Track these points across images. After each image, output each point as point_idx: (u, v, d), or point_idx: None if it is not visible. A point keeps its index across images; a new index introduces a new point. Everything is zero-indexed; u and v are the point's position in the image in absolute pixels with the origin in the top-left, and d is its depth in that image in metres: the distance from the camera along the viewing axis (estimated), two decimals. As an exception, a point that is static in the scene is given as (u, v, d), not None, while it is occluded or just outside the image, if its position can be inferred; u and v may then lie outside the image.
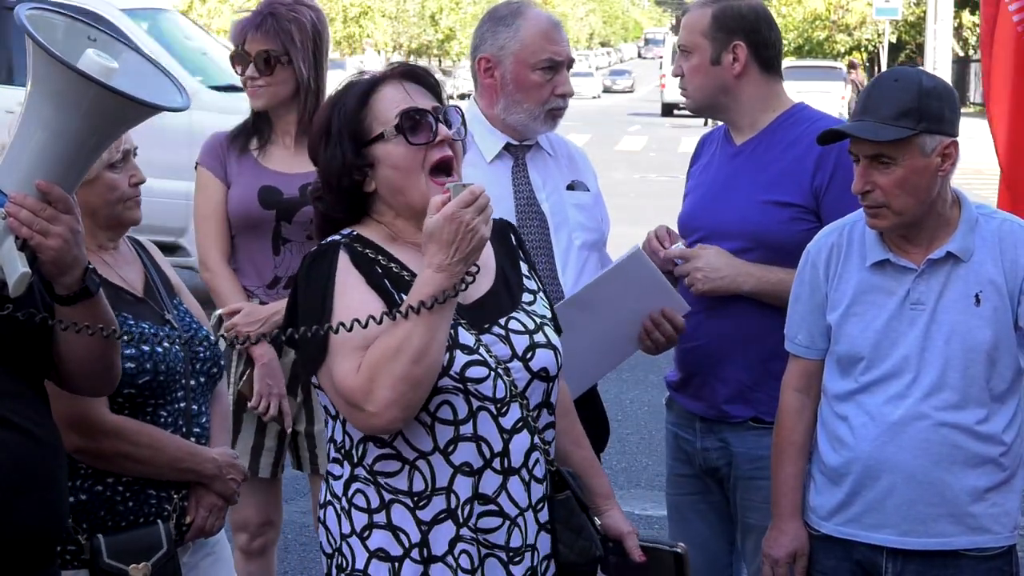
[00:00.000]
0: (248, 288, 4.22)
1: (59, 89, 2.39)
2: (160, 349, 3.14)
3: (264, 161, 4.23)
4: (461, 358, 2.72)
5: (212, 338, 3.35)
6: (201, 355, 3.26)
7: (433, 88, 2.85)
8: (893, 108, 3.11)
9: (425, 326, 2.63)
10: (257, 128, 4.28)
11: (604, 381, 3.92)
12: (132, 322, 3.14)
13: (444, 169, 2.78)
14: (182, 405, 3.22)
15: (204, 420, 3.28)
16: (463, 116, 2.86)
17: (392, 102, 2.79)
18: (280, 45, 4.16)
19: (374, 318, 2.64)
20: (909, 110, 3.10)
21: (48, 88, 2.40)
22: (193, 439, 3.23)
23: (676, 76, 3.85)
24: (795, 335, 3.39)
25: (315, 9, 4.28)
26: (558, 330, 2.99)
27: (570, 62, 3.82)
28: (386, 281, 2.77)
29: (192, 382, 3.24)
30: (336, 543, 2.83)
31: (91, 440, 3.07)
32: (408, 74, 2.85)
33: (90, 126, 2.46)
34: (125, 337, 2.79)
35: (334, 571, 2.84)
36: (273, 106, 4.23)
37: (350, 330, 2.64)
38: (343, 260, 2.77)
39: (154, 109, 2.50)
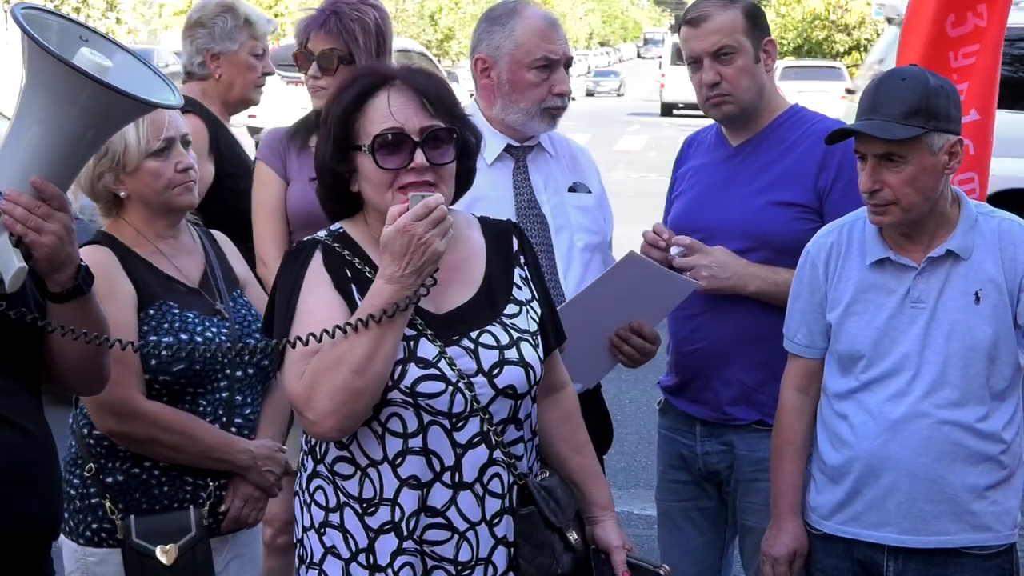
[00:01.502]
0: None
1: (55, 86, 2.40)
2: (200, 340, 3.19)
3: None
4: (414, 372, 2.69)
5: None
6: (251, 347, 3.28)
7: (435, 100, 2.77)
8: (902, 107, 3.10)
9: (370, 338, 2.62)
10: (318, 125, 4.25)
11: (603, 381, 3.91)
12: (177, 311, 3.22)
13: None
14: (224, 395, 3.26)
15: (249, 411, 3.32)
16: (461, 133, 2.80)
17: (379, 116, 2.74)
18: (343, 45, 4.10)
19: (327, 332, 2.63)
20: (918, 109, 3.10)
21: (44, 85, 2.41)
22: (234, 430, 3.27)
23: (712, 84, 3.71)
24: (794, 334, 3.39)
25: (379, 9, 4.22)
26: (561, 338, 2.96)
27: (567, 61, 3.78)
28: (353, 286, 2.76)
29: (239, 373, 3.29)
30: (299, 534, 2.85)
31: (125, 424, 3.15)
32: (412, 81, 2.78)
33: (85, 123, 2.46)
34: (118, 342, 2.79)
35: (296, 560, 2.86)
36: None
37: (306, 343, 2.64)
38: (316, 260, 2.77)
39: (148, 106, 2.53)
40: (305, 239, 2.87)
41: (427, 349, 2.72)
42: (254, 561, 3.46)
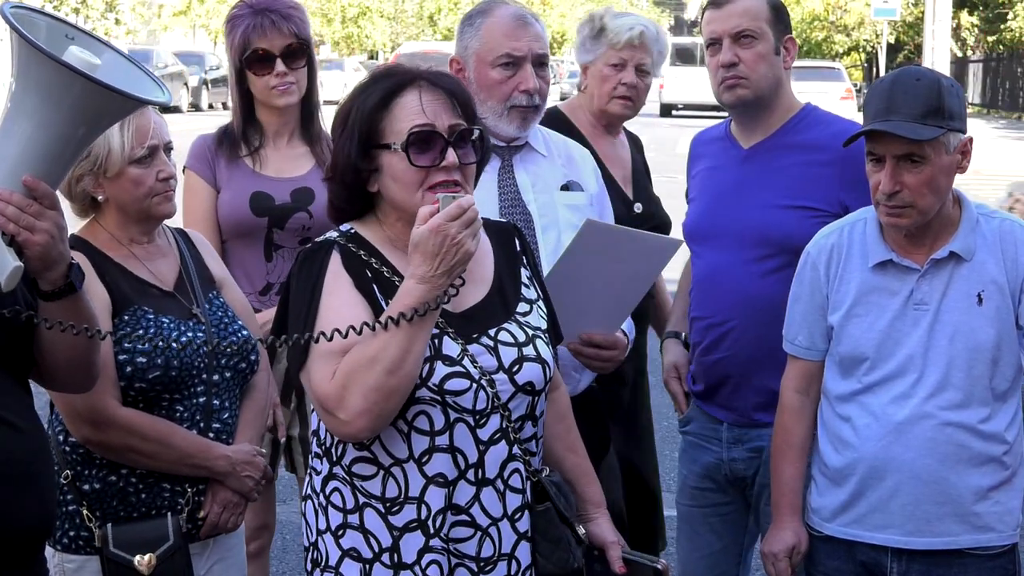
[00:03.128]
0: None
1: (45, 83, 2.39)
2: (176, 345, 3.15)
3: (255, 166, 4.15)
4: (442, 369, 2.70)
5: (243, 333, 3.34)
6: (227, 350, 3.25)
7: (460, 100, 2.78)
8: (920, 107, 3.08)
9: (403, 337, 2.62)
10: (245, 132, 4.19)
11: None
12: (152, 316, 3.19)
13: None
14: (201, 400, 3.23)
15: (227, 416, 3.29)
16: (481, 135, 2.81)
17: (409, 114, 2.74)
18: (301, 37, 4.10)
19: (354, 328, 2.62)
20: (936, 108, 3.08)
21: (34, 83, 2.40)
22: (212, 435, 3.24)
23: (728, 66, 3.68)
24: (795, 336, 3.37)
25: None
26: (559, 338, 2.97)
27: (537, 58, 3.69)
28: (374, 286, 2.76)
29: (216, 377, 3.25)
30: (312, 537, 2.83)
31: (100, 432, 3.12)
32: (437, 82, 2.78)
33: (75, 120, 2.45)
34: (111, 335, 2.78)
35: (309, 565, 2.85)
36: (297, 102, 4.15)
37: (330, 339, 2.63)
38: (334, 261, 2.76)
39: (138, 103, 2.51)
40: (318, 239, 2.85)
41: (450, 347, 2.73)
42: (238, 565, 3.43)
